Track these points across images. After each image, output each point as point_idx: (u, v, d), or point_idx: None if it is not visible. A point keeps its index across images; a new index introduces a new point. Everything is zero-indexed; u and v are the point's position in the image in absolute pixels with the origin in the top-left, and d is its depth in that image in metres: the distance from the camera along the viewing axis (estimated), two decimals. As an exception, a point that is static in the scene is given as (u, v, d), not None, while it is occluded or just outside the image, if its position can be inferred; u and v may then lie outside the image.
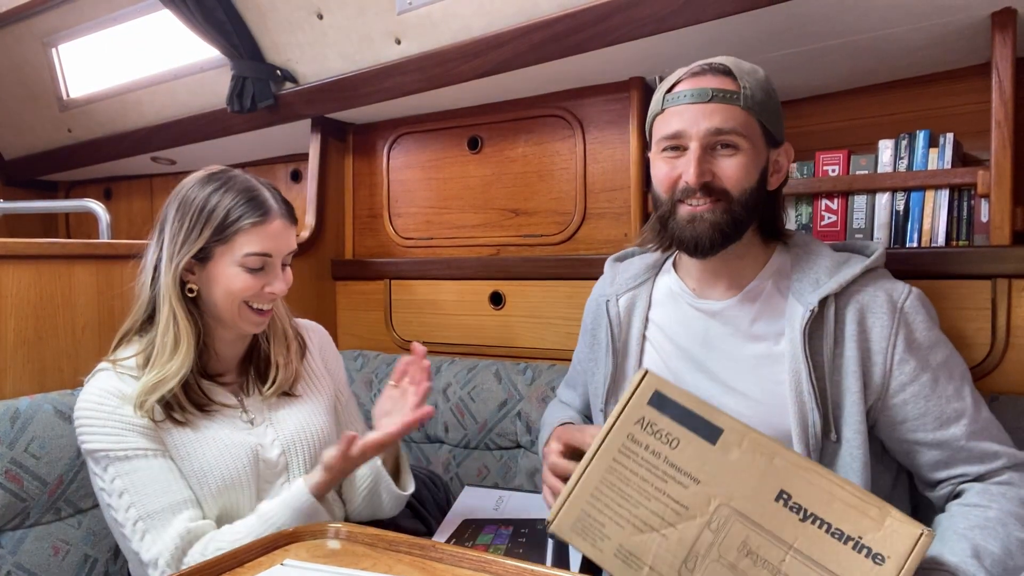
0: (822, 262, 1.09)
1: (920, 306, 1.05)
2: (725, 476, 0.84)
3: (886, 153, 1.47)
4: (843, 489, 0.81)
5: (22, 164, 3.04)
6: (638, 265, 1.27)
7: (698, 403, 0.88)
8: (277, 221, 1.19)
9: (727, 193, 1.05)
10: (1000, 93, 1.30)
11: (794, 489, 0.82)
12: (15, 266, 1.42)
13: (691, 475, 0.85)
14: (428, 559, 0.90)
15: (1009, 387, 1.31)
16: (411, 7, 1.74)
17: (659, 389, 0.89)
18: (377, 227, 2.23)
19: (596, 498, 0.88)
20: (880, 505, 0.79)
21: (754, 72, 1.08)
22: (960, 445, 1.01)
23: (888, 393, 1.03)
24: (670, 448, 0.87)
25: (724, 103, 1.04)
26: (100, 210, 2.07)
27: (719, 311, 1.13)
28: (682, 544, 0.83)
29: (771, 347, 1.08)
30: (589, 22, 1.51)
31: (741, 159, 1.05)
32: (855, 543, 0.78)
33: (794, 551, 0.80)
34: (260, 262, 1.17)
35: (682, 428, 0.87)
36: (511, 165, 1.97)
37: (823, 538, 0.79)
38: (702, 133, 1.04)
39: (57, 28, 2.54)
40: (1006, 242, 1.31)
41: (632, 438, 0.88)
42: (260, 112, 2.14)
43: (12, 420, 1.27)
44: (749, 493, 0.83)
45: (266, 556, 0.92)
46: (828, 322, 1.04)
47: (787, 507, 0.81)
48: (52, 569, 1.27)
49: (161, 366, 1.15)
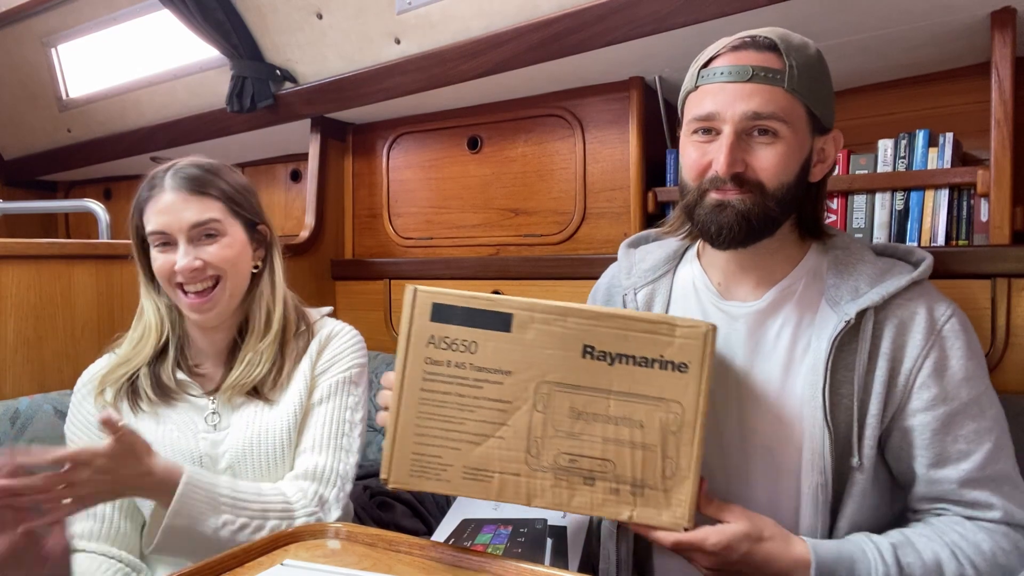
0: (863, 268, 0.98)
1: (961, 331, 0.94)
2: (530, 356, 0.85)
3: (886, 152, 1.47)
4: (633, 321, 0.86)
5: (22, 164, 3.04)
6: (656, 254, 1.15)
7: (477, 298, 0.87)
8: (167, 195, 1.13)
9: (761, 186, 0.94)
10: (1000, 92, 1.30)
11: (594, 340, 0.85)
12: (15, 266, 1.42)
13: (500, 370, 0.85)
14: (428, 559, 0.90)
15: (1009, 386, 1.31)
16: (410, 7, 1.74)
17: (435, 301, 0.87)
18: (377, 227, 2.22)
19: (420, 435, 0.85)
20: (666, 321, 0.86)
21: (804, 48, 0.95)
22: (949, 489, 0.92)
23: (901, 414, 0.94)
24: (470, 353, 0.86)
25: (765, 83, 0.92)
26: (100, 210, 2.07)
27: (743, 315, 1.01)
28: (519, 436, 0.84)
29: (797, 356, 0.98)
30: (588, 22, 1.51)
31: (780, 149, 0.93)
32: (659, 362, 0.85)
33: (614, 394, 0.85)
34: (160, 238, 1.14)
35: (473, 329, 0.86)
36: (511, 165, 1.97)
37: (633, 371, 0.85)
38: (738, 116, 0.92)
39: (57, 28, 2.54)
40: (1006, 241, 1.31)
41: (430, 360, 0.86)
42: (260, 112, 2.14)
43: (12, 420, 1.27)
44: (558, 362, 0.85)
45: (266, 556, 0.92)
46: (864, 337, 0.94)
47: (595, 359, 0.85)
48: (52, 569, 1.27)
49: (124, 351, 1.17)
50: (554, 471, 0.84)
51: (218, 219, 1.15)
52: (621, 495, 0.84)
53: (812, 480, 0.93)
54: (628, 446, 0.85)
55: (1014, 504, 0.92)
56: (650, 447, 0.85)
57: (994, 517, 0.91)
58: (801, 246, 1.03)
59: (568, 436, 0.85)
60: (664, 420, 0.85)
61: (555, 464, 0.84)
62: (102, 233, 2.04)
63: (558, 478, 0.84)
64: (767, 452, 0.97)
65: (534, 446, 0.84)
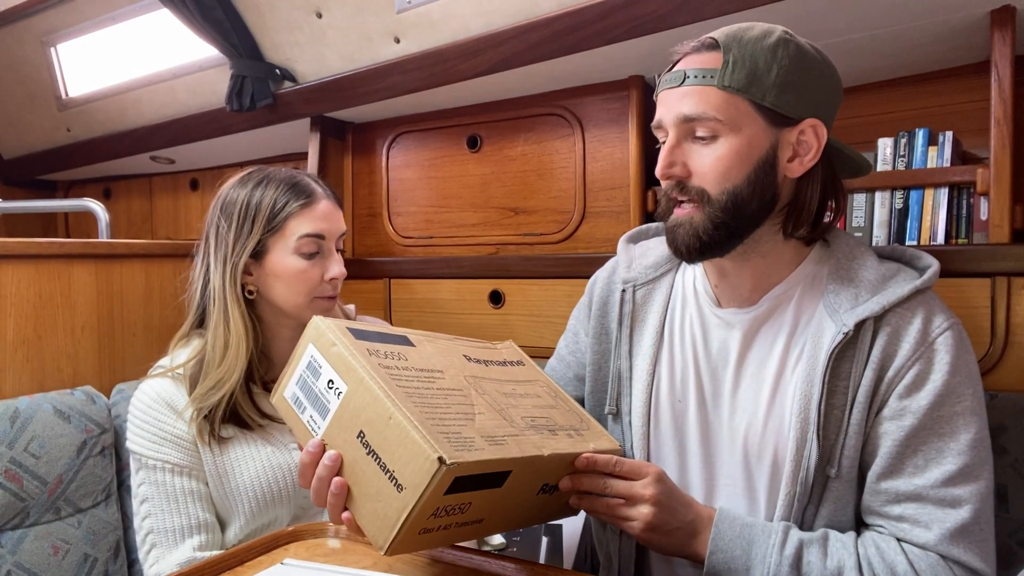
0: (865, 274, 0.94)
1: (953, 346, 0.89)
2: (442, 360, 0.91)
3: (885, 151, 1.47)
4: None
5: (21, 163, 3.04)
6: (658, 251, 1.11)
7: (373, 331, 0.89)
8: (324, 202, 1.18)
9: (705, 194, 0.91)
10: (999, 91, 1.30)
11: (469, 353, 0.98)
12: (14, 266, 1.42)
13: (435, 369, 0.88)
14: (428, 558, 0.90)
15: (1008, 385, 1.31)
16: (410, 6, 1.73)
17: (349, 327, 0.85)
18: (376, 226, 2.22)
19: (431, 418, 0.77)
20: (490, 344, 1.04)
21: (758, 40, 0.91)
22: (890, 500, 0.88)
23: (872, 421, 0.90)
24: (406, 360, 0.86)
25: (697, 84, 0.90)
26: (99, 209, 2.07)
27: (739, 322, 0.99)
28: (491, 410, 0.87)
29: (790, 364, 0.95)
30: (588, 20, 1.51)
31: (719, 150, 0.90)
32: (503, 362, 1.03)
33: (508, 382, 0.97)
34: (314, 244, 1.15)
35: (390, 345, 0.87)
36: (510, 164, 1.97)
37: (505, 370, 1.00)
38: (671, 121, 0.92)
39: (56, 27, 2.54)
40: (1005, 240, 1.31)
41: (383, 366, 0.81)
42: (259, 111, 2.14)
43: (12, 420, 1.27)
44: (461, 365, 0.94)
45: (266, 555, 0.92)
46: (862, 348, 0.90)
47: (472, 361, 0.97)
48: (52, 569, 1.27)
49: (215, 372, 1.12)
50: (530, 429, 0.87)
51: None
52: (574, 438, 0.91)
53: (792, 490, 0.92)
54: (548, 408, 0.95)
55: (960, 540, 0.84)
56: (559, 406, 0.98)
57: (925, 541, 0.85)
58: (798, 249, 0.99)
59: (515, 406, 0.90)
60: (547, 390, 1.01)
61: (527, 424, 0.88)
62: (102, 233, 2.04)
63: (538, 432, 0.87)
64: (757, 461, 0.97)
65: (505, 415, 0.86)
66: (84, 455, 1.33)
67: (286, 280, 1.14)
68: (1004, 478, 1.17)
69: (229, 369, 1.11)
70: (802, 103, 0.92)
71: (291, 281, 1.14)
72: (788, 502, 0.92)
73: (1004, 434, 1.19)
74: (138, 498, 1.13)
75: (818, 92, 0.93)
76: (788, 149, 0.93)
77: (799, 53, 0.91)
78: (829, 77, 0.96)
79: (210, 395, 1.10)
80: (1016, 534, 1.15)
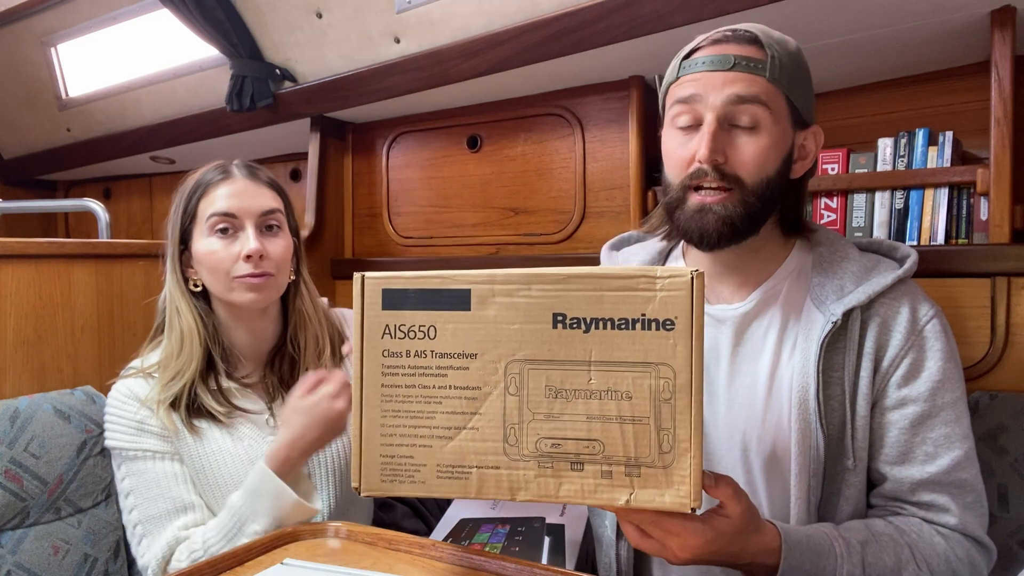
0: (848, 266, 0.97)
1: (942, 333, 0.94)
2: (495, 334, 0.75)
3: (885, 151, 1.47)
4: (606, 279, 0.74)
5: (21, 163, 3.04)
6: (640, 256, 1.15)
7: (429, 277, 0.78)
8: (239, 180, 1.15)
9: (741, 182, 0.92)
10: (999, 91, 1.30)
11: (565, 307, 0.75)
12: (14, 266, 1.42)
13: (464, 353, 0.76)
14: (428, 558, 0.90)
15: (1008, 385, 1.31)
16: (410, 6, 1.73)
17: (384, 287, 0.78)
18: (377, 226, 2.22)
19: (387, 435, 0.76)
20: (644, 273, 0.73)
21: (784, 42, 0.94)
22: (909, 488, 0.92)
23: (874, 411, 0.94)
24: (430, 339, 0.76)
25: (747, 72, 0.91)
26: (99, 209, 2.07)
27: (730, 318, 1.00)
28: (493, 424, 0.75)
29: (784, 358, 0.97)
30: (588, 20, 1.51)
31: (762, 140, 0.91)
32: (641, 322, 0.73)
33: (594, 364, 0.74)
34: (224, 222, 1.12)
35: (430, 312, 0.77)
36: (510, 164, 1.97)
37: (612, 336, 0.73)
38: (719, 102, 0.90)
39: (56, 27, 2.54)
40: (1005, 240, 1.31)
41: (388, 352, 0.77)
42: (259, 111, 2.14)
43: (12, 420, 1.26)
44: (526, 337, 0.75)
45: (266, 555, 0.92)
46: (851, 336, 0.93)
47: (567, 327, 0.75)
48: (52, 568, 1.27)
49: (174, 364, 1.13)
50: (537, 459, 0.75)
51: (282, 212, 1.18)
52: (615, 478, 0.73)
53: (804, 483, 0.93)
54: (616, 421, 0.73)
55: (972, 516, 0.91)
56: (641, 420, 0.73)
57: (949, 523, 0.91)
58: (784, 244, 1.02)
59: (548, 418, 0.74)
60: (654, 387, 0.72)
61: (537, 451, 0.75)
62: (102, 232, 2.04)
63: (542, 466, 0.74)
64: (756, 456, 0.97)
65: (512, 434, 0.75)
66: (84, 455, 1.33)
67: (206, 264, 1.13)
68: (1004, 478, 1.17)
69: (186, 361, 1.12)
70: (810, 109, 0.98)
71: (209, 264, 1.12)
72: (805, 498, 0.93)
73: (1004, 434, 1.19)
74: (123, 493, 1.13)
75: (813, 102, 1.00)
76: (796, 151, 0.98)
77: (806, 64, 0.97)
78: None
79: (170, 386, 1.12)
80: (1016, 534, 1.15)
